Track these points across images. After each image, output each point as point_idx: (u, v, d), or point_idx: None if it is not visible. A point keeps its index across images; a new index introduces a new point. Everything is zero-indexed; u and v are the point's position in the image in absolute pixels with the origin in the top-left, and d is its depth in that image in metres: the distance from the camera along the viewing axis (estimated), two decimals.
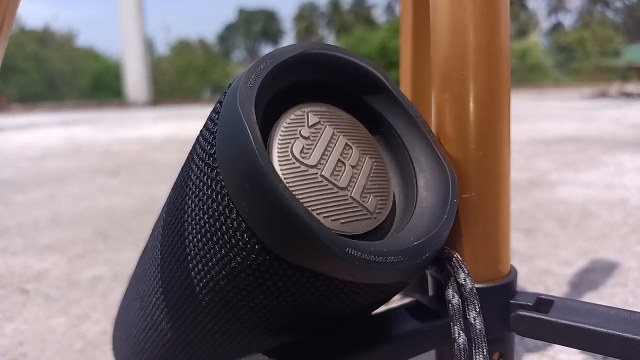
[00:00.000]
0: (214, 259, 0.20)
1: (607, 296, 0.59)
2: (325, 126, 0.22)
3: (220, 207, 0.19)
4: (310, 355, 0.22)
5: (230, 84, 0.21)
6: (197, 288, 0.22)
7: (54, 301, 0.65)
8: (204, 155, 0.20)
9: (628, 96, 6.09)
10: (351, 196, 0.21)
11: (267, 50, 0.22)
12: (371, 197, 0.22)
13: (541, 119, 3.32)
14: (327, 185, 0.20)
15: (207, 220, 0.20)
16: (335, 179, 0.21)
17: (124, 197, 1.32)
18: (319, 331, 0.23)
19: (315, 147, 0.21)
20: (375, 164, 0.23)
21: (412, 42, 0.45)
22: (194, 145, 0.22)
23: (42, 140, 3.29)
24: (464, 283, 0.22)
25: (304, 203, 0.19)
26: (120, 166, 1.93)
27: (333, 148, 0.21)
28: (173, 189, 0.25)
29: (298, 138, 0.21)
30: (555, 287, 0.62)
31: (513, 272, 0.26)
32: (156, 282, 0.26)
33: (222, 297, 0.21)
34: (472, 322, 0.21)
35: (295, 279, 0.19)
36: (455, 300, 0.22)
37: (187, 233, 0.22)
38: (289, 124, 0.21)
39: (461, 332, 0.21)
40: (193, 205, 0.21)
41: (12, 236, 0.97)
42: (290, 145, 0.20)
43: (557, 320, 0.23)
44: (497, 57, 0.24)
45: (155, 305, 0.26)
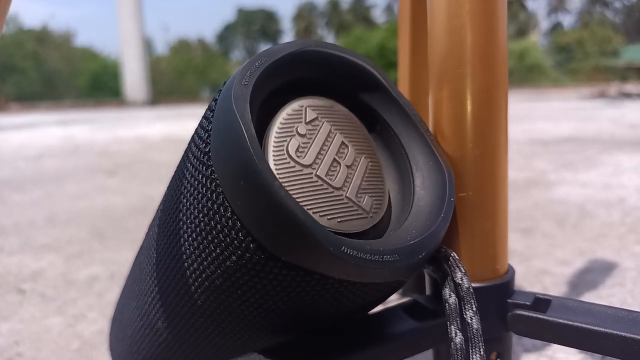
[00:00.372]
0: (210, 258, 0.20)
1: (605, 296, 0.58)
2: (323, 123, 0.22)
3: (215, 205, 0.19)
4: (306, 355, 0.22)
5: (225, 82, 0.21)
6: (193, 287, 0.22)
7: (51, 300, 0.64)
8: (199, 153, 0.20)
9: (627, 96, 6.10)
10: (346, 196, 0.21)
11: None
12: (366, 197, 0.22)
13: (540, 119, 3.32)
14: (322, 185, 0.20)
15: (202, 218, 0.20)
16: (330, 179, 0.21)
17: (121, 197, 1.32)
18: (316, 330, 0.23)
19: (311, 145, 0.21)
20: (370, 163, 0.23)
21: (410, 41, 0.45)
22: (189, 144, 0.22)
23: (40, 139, 3.28)
24: (461, 282, 0.22)
25: (299, 202, 0.19)
26: (118, 166, 1.93)
27: (329, 147, 0.21)
28: (168, 187, 0.25)
29: (294, 136, 0.21)
30: (553, 287, 0.62)
31: (510, 271, 0.26)
32: (152, 281, 0.26)
33: (218, 296, 0.21)
34: (469, 321, 0.21)
35: (290, 278, 0.19)
36: (452, 299, 0.22)
37: (182, 232, 0.22)
38: (286, 119, 0.21)
39: (458, 331, 0.21)
40: (188, 203, 0.21)
41: (8, 235, 0.97)
42: (286, 144, 0.20)
43: (555, 319, 0.23)
44: (494, 55, 0.24)
45: (151, 305, 0.26)
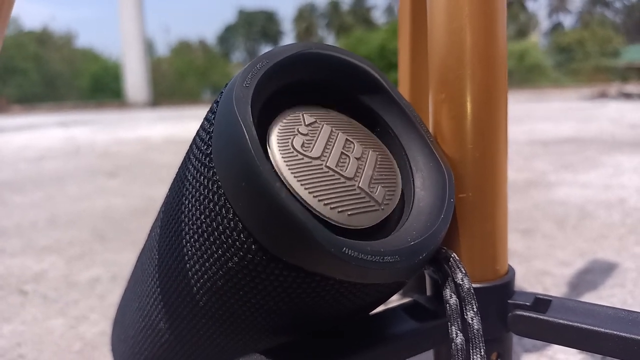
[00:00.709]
0: (211, 259, 0.20)
1: (605, 297, 0.58)
2: (323, 125, 0.22)
3: (217, 207, 0.19)
4: (307, 356, 0.22)
5: (226, 84, 0.21)
6: (195, 288, 0.22)
7: (52, 302, 0.65)
8: (201, 155, 0.20)
9: (627, 97, 6.10)
10: (359, 186, 0.21)
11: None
12: (379, 187, 0.21)
13: (540, 120, 3.32)
14: (333, 175, 0.20)
15: (203, 220, 0.20)
16: (341, 169, 0.21)
17: (122, 198, 1.32)
18: (317, 331, 0.23)
19: (316, 141, 0.21)
20: (379, 156, 0.23)
21: (410, 42, 0.45)
22: (191, 145, 0.22)
23: (41, 141, 3.28)
24: (461, 283, 0.22)
25: (312, 194, 0.19)
26: (119, 167, 1.93)
27: (334, 142, 0.21)
28: (170, 189, 0.25)
29: (297, 135, 0.21)
30: (553, 287, 0.62)
31: (511, 271, 0.26)
32: (154, 283, 0.26)
33: (220, 297, 0.21)
34: (470, 322, 0.21)
35: (291, 279, 0.19)
36: (453, 300, 0.22)
37: (184, 233, 0.22)
38: (285, 123, 0.21)
39: (459, 332, 0.21)
40: (190, 205, 0.21)
41: (10, 237, 0.97)
42: (290, 141, 0.20)
43: (555, 320, 0.23)
44: (494, 57, 0.24)
45: (153, 306, 0.26)
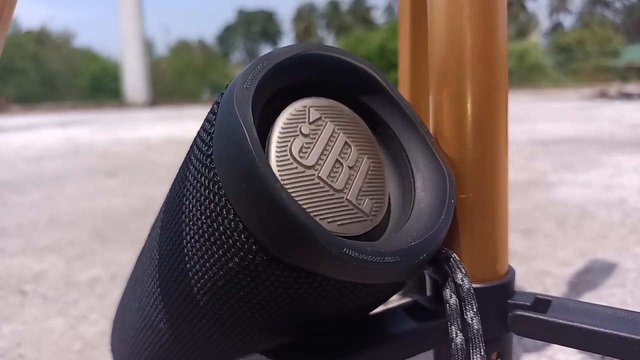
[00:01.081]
0: (212, 260, 0.20)
1: (605, 296, 0.59)
2: (326, 123, 0.22)
3: (218, 207, 0.19)
4: (307, 356, 0.22)
5: (227, 85, 0.21)
6: (195, 288, 0.22)
7: (52, 302, 0.65)
8: (202, 156, 0.20)
9: (627, 96, 6.10)
10: (347, 199, 0.21)
11: (266, 51, 0.22)
12: (367, 199, 0.22)
13: (540, 120, 3.32)
14: (323, 187, 0.21)
15: (204, 220, 0.20)
16: (331, 181, 0.21)
17: (122, 198, 1.32)
18: (317, 331, 0.23)
19: (314, 146, 0.21)
20: (372, 164, 0.23)
21: (410, 43, 0.45)
22: (192, 146, 0.22)
23: (40, 141, 3.28)
24: (461, 283, 0.22)
25: (301, 205, 0.19)
26: (119, 167, 1.93)
27: (332, 147, 0.21)
28: (171, 189, 0.25)
29: (298, 136, 0.21)
30: (553, 287, 0.62)
31: (511, 272, 0.26)
32: (154, 283, 0.26)
33: (220, 297, 0.21)
34: (470, 322, 0.22)
35: (292, 280, 0.19)
36: (453, 300, 0.22)
37: (184, 234, 0.22)
38: (289, 119, 0.21)
39: (459, 332, 0.21)
40: (190, 206, 0.21)
41: (10, 237, 0.97)
42: (289, 144, 0.20)
43: (555, 320, 0.23)
44: (494, 57, 0.24)
45: (153, 306, 0.26)
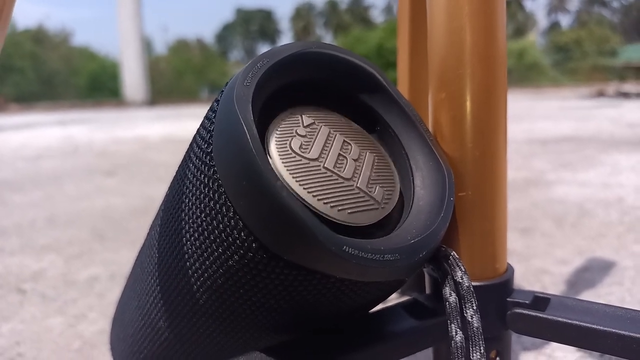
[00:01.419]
0: (212, 257, 0.20)
1: (603, 294, 0.59)
2: (321, 126, 0.22)
3: (218, 205, 0.19)
4: (307, 354, 0.22)
5: (227, 83, 0.21)
6: (195, 286, 0.22)
7: (51, 301, 0.65)
8: (201, 153, 0.20)
9: (625, 96, 6.11)
10: (357, 186, 0.21)
11: (265, 50, 0.22)
12: (377, 187, 0.22)
13: (538, 119, 3.33)
14: (331, 175, 0.20)
15: (204, 218, 0.20)
16: (339, 170, 0.21)
17: (120, 197, 1.32)
18: (317, 329, 0.23)
19: (313, 143, 0.21)
20: (377, 157, 0.23)
21: (409, 42, 0.45)
22: (191, 144, 0.22)
23: (39, 140, 3.28)
24: (461, 281, 0.22)
25: (311, 193, 0.19)
26: (117, 166, 1.93)
27: (332, 144, 0.21)
28: (170, 187, 0.25)
29: (295, 136, 0.21)
30: (552, 286, 0.63)
31: (510, 270, 0.26)
32: (154, 281, 0.26)
33: (220, 295, 0.21)
34: (469, 320, 0.22)
35: (292, 277, 0.19)
36: (453, 298, 0.22)
37: (184, 231, 0.22)
38: (283, 125, 0.21)
39: (458, 330, 0.21)
40: (190, 203, 0.21)
41: (9, 236, 0.97)
42: (288, 142, 0.20)
43: (554, 318, 0.23)
44: (494, 56, 0.24)
45: (152, 304, 0.26)
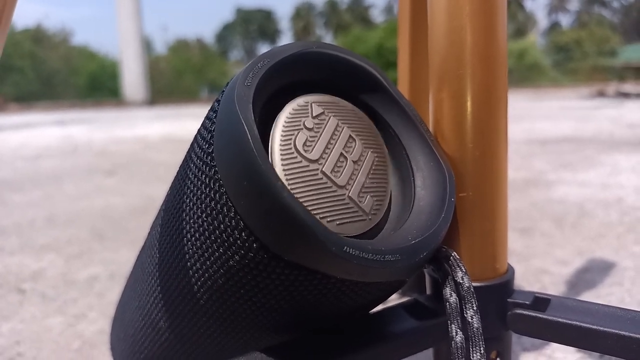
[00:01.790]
0: (212, 258, 0.20)
1: (603, 295, 0.59)
2: (330, 117, 0.22)
3: (219, 205, 0.19)
4: (308, 354, 0.22)
5: (227, 83, 0.21)
6: (195, 286, 0.22)
7: (51, 300, 0.65)
8: (202, 153, 0.20)
9: (625, 96, 6.11)
10: (348, 196, 0.21)
11: (265, 50, 0.22)
12: (368, 197, 0.22)
13: (538, 119, 3.33)
14: (326, 183, 0.21)
15: (205, 218, 0.20)
16: (335, 176, 0.21)
17: (120, 197, 1.32)
18: (317, 329, 0.23)
19: (318, 139, 0.21)
20: (377, 158, 0.23)
21: (409, 41, 0.45)
22: (192, 144, 0.22)
23: (38, 139, 3.28)
24: (461, 282, 0.22)
25: (302, 202, 0.19)
26: (117, 166, 1.93)
27: (337, 140, 0.22)
28: (171, 187, 0.25)
29: (302, 130, 0.21)
30: (551, 286, 0.63)
31: (510, 270, 0.26)
32: (154, 281, 0.26)
33: (221, 295, 0.21)
34: (470, 320, 0.22)
35: (293, 278, 0.19)
36: (453, 298, 0.22)
37: (185, 231, 0.22)
38: (292, 114, 0.21)
39: (459, 330, 0.21)
40: (191, 203, 0.21)
41: (8, 236, 0.97)
42: (293, 138, 0.20)
43: (554, 318, 0.23)
44: (494, 56, 0.24)
45: (153, 304, 0.26)
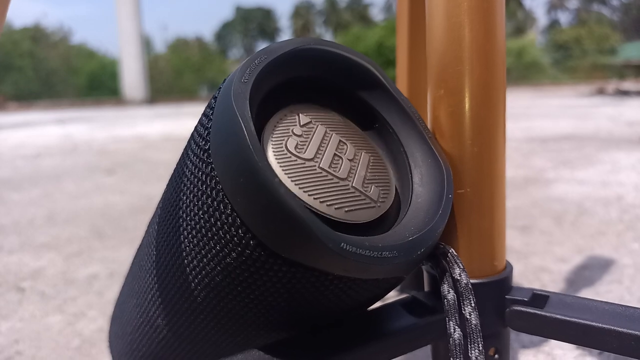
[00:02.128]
0: (210, 255, 0.20)
1: (602, 293, 0.59)
2: (317, 125, 0.22)
3: (215, 202, 0.19)
4: (306, 351, 0.22)
5: (224, 79, 0.21)
6: (193, 284, 0.22)
7: (50, 299, 0.65)
8: (199, 150, 0.20)
9: (625, 94, 6.11)
10: (353, 185, 0.21)
11: None
12: (373, 186, 0.22)
13: (538, 117, 3.33)
14: (327, 175, 0.20)
15: (202, 216, 0.20)
16: (334, 170, 0.21)
17: (120, 196, 1.31)
18: (315, 326, 0.23)
19: (309, 143, 0.21)
20: (372, 157, 0.23)
21: (408, 39, 0.45)
22: (189, 141, 0.22)
23: (38, 138, 3.27)
24: (459, 278, 0.22)
25: (307, 192, 0.19)
26: (117, 164, 1.93)
27: (327, 144, 0.21)
28: (168, 185, 0.25)
29: (291, 136, 0.21)
30: (551, 284, 0.63)
31: (508, 267, 0.26)
32: (152, 279, 0.26)
33: (218, 293, 0.21)
34: (468, 317, 0.22)
35: (290, 275, 0.19)
36: (451, 295, 0.22)
37: (182, 229, 0.22)
38: (280, 124, 0.21)
39: (457, 327, 0.21)
40: (188, 201, 0.21)
41: (8, 234, 0.97)
42: (284, 142, 0.20)
43: (553, 315, 0.23)
44: (493, 53, 0.24)
45: (151, 302, 0.26)
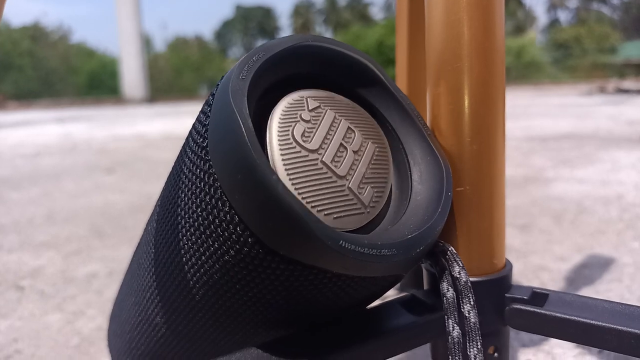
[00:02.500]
0: (208, 253, 0.20)
1: (602, 291, 0.59)
2: (326, 110, 0.22)
3: (213, 200, 0.19)
4: (304, 349, 0.22)
5: (222, 76, 0.21)
6: (191, 282, 0.22)
7: (49, 298, 0.64)
8: (197, 148, 0.20)
9: (625, 93, 6.11)
10: (348, 187, 0.21)
11: None
12: (368, 188, 0.21)
13: (538, 116, 3.32)
14: (326, 173, 0.20)
15: (200, 213, 0.20)
16: (335, 166, 0.21)
17: (119, 195, 1.31)
18: (313, 324, 0.23)
19: (317, 129, 0.21)
20: (377, 149, 0.23)
21: (407, 36, 0.45)
22: (187, 139, 0.22)
23: (37, 137, 3.27)
24: (458, 276, 0.22)
25: (301, 194, 0.19)
26: (116, 163, 1.93)
27: (335, 131, 0.21)
28: (166, 182, 0.25)
29: (299, 121, 0.20)
30: (550, 282, 0.63)
31: (508, 265, 0.26)
32: (150, 277, 0.26)
33: (216, 290, 0.21)
34: (467, 315, 0.21)
35: (288, 272, 0.19)
36: (450, 293, 0.22)
37: (180, 227, 0.22)
38: (287, 108, 0.21)
39: (456, 325, 0.21)
40: (186, 198, 0.21)
41: (7, 233, 0.97)
42: (291, 129, 0.20)
43: (553, 313, 0.23)
44: (492, 50, 0.24)
45: (149, 300, 0.26)
